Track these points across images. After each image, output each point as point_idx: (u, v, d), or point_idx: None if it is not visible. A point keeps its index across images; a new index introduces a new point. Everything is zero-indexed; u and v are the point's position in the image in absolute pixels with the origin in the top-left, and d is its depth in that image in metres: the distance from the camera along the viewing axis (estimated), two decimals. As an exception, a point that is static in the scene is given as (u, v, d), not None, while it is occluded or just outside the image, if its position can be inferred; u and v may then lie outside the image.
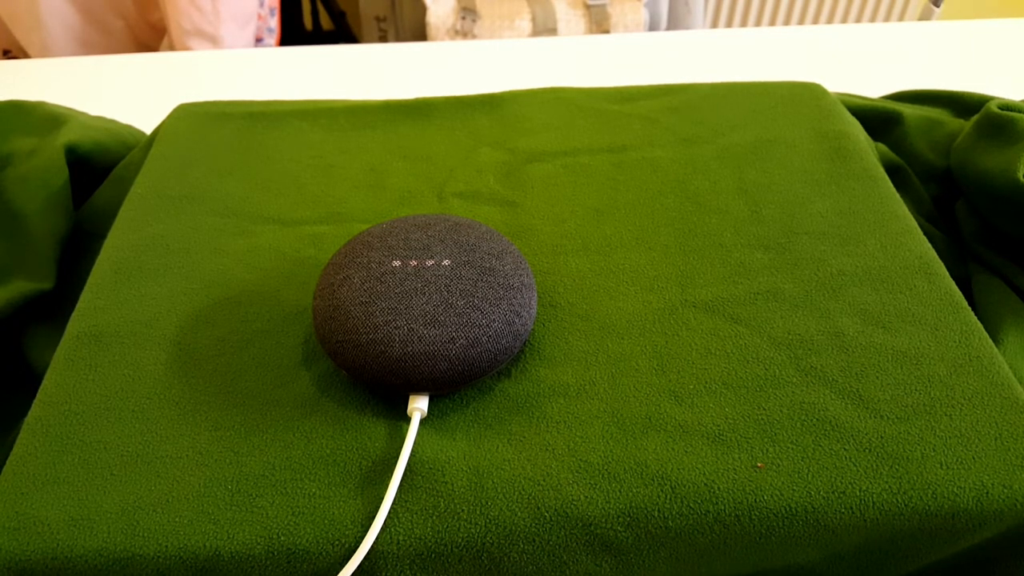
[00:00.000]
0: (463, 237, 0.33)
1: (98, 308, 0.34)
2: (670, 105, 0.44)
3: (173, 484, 0.28)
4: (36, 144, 0.44)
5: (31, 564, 0.26)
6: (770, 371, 0.31)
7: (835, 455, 0.28)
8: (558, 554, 0.26)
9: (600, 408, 0.30)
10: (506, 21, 1.23)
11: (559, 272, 0.35)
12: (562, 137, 0.42)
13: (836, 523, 0.26)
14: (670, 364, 0.31)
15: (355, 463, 0.28)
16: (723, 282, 0.34)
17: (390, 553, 0.26)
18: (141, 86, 0.59)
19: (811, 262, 0.35)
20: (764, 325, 0.32)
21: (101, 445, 0.29)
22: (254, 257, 0.36)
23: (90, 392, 0.31)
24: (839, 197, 0.38)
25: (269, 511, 0.27)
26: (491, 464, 0.28)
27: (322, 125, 0.44)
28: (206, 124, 0.44)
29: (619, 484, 0.27)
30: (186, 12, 0.97)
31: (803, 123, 0.42)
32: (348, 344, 0.29)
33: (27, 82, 0.59)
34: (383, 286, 0.31)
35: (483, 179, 0.40)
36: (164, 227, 0.37)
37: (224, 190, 0.40)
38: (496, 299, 0.30)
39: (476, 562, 0.26)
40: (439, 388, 0.29)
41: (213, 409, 0.30)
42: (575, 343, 0.32)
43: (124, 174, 0.43)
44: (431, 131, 0.43)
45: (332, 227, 0.38)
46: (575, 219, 0.38)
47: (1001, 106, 0.42)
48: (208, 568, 0.26)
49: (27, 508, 0.27)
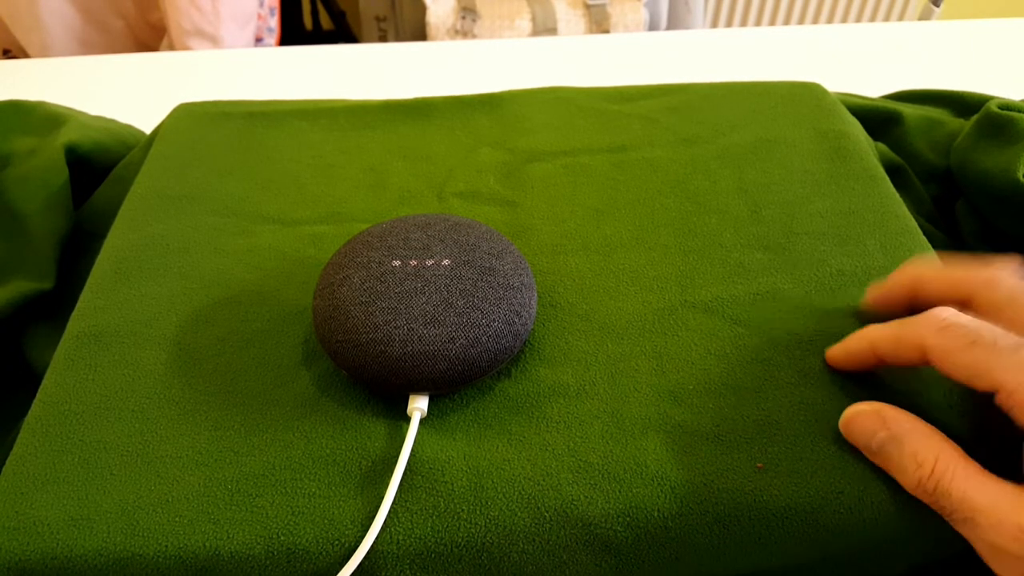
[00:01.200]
0: (463, 237, 0.33)
1: (98, 308, 0.34)
2: (670, 105, 0.44)
3: (173, 484, 0.28)
4: (36, 144, 0.44)
5: (31, 564, 0.26)
6: (769, 372, 0.31)
7: (835, 456, 0.28)
8: (558, 554, 0.26)
9: (600, 408, 0.30)
10: (506, 21, 1.23)
11: (559, 272, 0.35)
12: (562, 137, 0.42)
13: (835, 523, 0.26)
14: (670, 364, 0.31)
15: (355, 463, 0.28)
16: (723, 282, 0.34)
17: (390, 553, 0.26)
18: (141, 86, 0.59)
19: (811, 262, 0.35)
20: (764, 326, 0.32)
21: (101, 445, 0.29)
22: (254, 257, 0.36)
23: (90, 392, 0.31)
24: (839, 197, 0.38)
25: (269, 511, 0.27)
26: (491, 464, 0.28)
27: (322, 125, 0.44)
28: (206, 124, 0.44)
29: (619, 484, 0.27)
30: (186, 12, 0.97)
31: (803, 123, 0.42)
32: (348, 344, 0.29)
33: (27, 82, 0.59)
34: (383, 286, 0.31)
35: (483, 179, 0.40)
36: (164, 227, 0.37)
37: (224, 190, 0.40)
38: (496, 299, 0.30)
39: (476, 562, 0.26)
40: (439, 388, 0.29)
41: (213, 409, 0.30)
42: (575, 343, 0.32)
43: (124, 174, 0.43)
44: (431, 131, 0.43)
45: (332, 227, 0.38)
46: (575, 219, 0.38)
47: (1001, 106, 0.42)
48: (208, 568, 0.26)
49: (27, 508, 0.27)
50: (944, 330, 0.26)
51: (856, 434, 0.28)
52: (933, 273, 0.30)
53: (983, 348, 0.25)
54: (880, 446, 0.27)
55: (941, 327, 0.27)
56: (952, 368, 0.26)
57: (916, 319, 0.28)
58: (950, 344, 0.26)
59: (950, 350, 0.26)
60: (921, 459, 0.26)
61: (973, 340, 0.26)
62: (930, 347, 0.27)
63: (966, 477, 0.25)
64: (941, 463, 0.25)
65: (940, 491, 0.25)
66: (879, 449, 0.27)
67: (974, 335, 0.26)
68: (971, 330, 0.26)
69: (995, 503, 0.24)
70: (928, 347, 0.27)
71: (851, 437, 0.28)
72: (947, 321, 0.27)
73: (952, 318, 0.27)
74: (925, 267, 0.31)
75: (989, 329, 0.26)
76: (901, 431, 0.26)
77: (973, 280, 0.28)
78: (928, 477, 0.25)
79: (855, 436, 0.28)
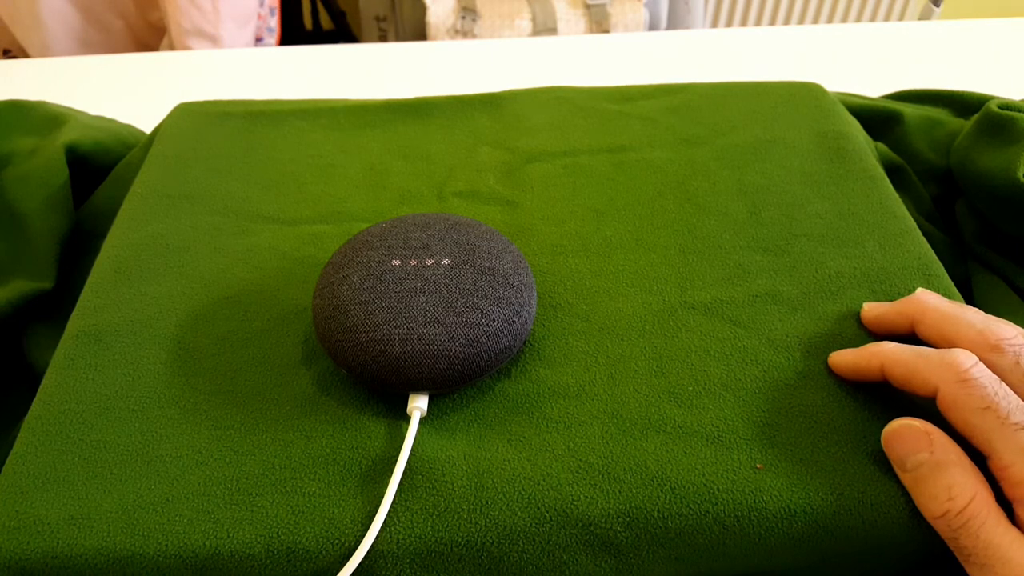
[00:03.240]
0: (463, 236, 0.33)
1: (98, 307, 0.34)
2: (670, 105, 0.44)
3: (173, 483, 0.28)
4: (36, 144, 0.44)
5: (31, 563, 0.26)
6: (769, 373, 0.31)
7: (834, 457, 0.28)
8: (558, 554, 0.26)
9: (600, 408, 0.30)
10: (506, 21, 1.23)
11: (559, 272, 0.35)
12: (562, 137, 0.42)
13: (835, 524, 0.26)
14: (669, 365, 0.31)
15: (355, 462, 0.28)
16: (722, 284, 0.34)
17: (390, 552, 0.26)
18: (141, 86, 0.59)
19: (810, 264, 0.35)
20: (763, 327, 0.32)
21: (101, 444, 0.29)
22: (254, 256, 0.36)
23: (90, 391, 0.31)
24: (838, 198, 0.38)
25: (269, 510, 0.27)
26: (491, 464, 0.28)
27: (322, 125, 0.44)
28: (206, 124, 0.44)
29: (619, 484, 0.27)
30: (186, 11, 0.97)
31: (802, 123, 0.43)
32: (348, 343, 0.29)
33: (27, 82, 0.59)
34: (383, 285, 0.31)
35: (483, 179, 0.40)
36: (164, 226, 0.37)
37: (224, 189, 0.40)
38: (496, 298, 0.30)
39: (476, 561, 0.26)
40: (439, 387, 0.29)
41: (213, 408, 0.30)
42: (575, 343, 0.32)
43: (124, 174, 0.43)
44: (431, 131, 0.43)
45: (332, 226, 0.38)
46: (575, 219, 0.38)
47: (1001, 106, 0.42)
48: (208, 567, 0.26)
49: (27, 507, 0.27)
50: (963, 383, 0.26)
51: (896, 446, 0.27)
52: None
53: (994, 418, 0.25)
54: (917, 466, 0.26)
55: (961, 379, 0.26)
56: (955, 421, 0.26)
57: (937, 358, 0.27)
58: (964, 401, 0.26)
59: (962, 407, 0.26)
60: (955, 493, 0.25)
61: (987, 406, 0.25)
62: (942, 394, 0.26)
63: (995, 524, 0.24)
64: (976, 504, 0.25)
65: (966, 531, 0.24)
66: (914, 469, 0.26)
67: (990, 400, 0.25)
68: (988, 395, 0.25)
69: (1019, 558, 0.24)
70: (940, 393, 0.26)
71: (890, 448, 0.27)
72: (968, 375, 0.26)
73: (974, 372, 0.26)
74: (932, 304, 0.30)
75: (1005, 396, 0.25)
76: (946, 459, 0.25)
77: (977, 340, 0.27)
78: (958, 514, 0.25)
79: (895, 448, 0.27)
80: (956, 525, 0.25)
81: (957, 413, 0.26)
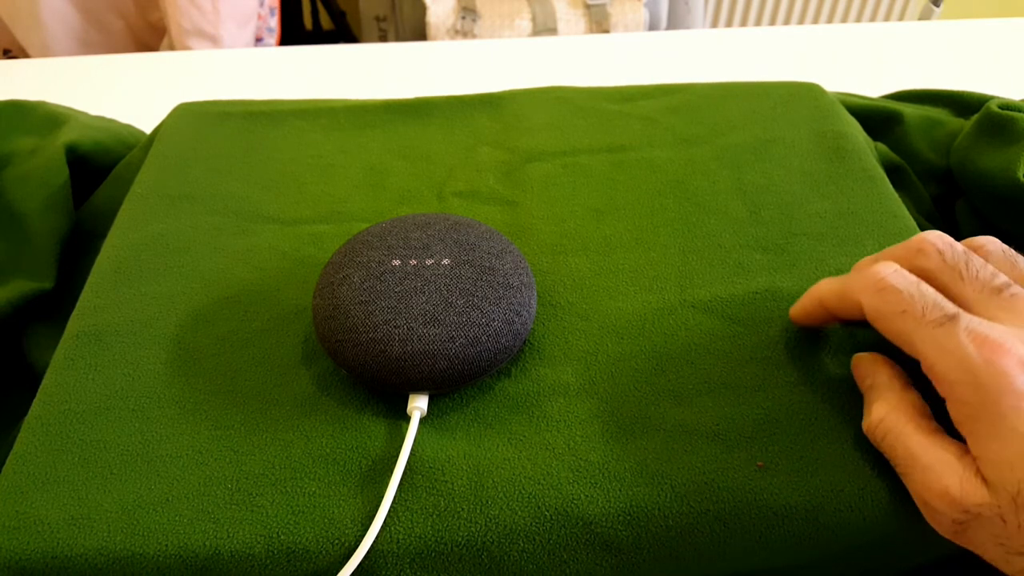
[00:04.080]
0: (463, 236, 0.33)
1: (98, 307, 0.34)
2: (670, 105, 0.44)
3: (173, 483, 0.28)
4: (36, 144, 0.44)
5: (31, 563, 0.26)
6: (769, 371, 0.31)
7: (835, 454, 0.28)
8: (558, 553, 0.26)
9: (600, 407, 0.30)
10: (506, 21, 1.23)
11: (559, 272, 0.35)
12: (562, 137, 0.42)
13: (836, 522, 0.26)
14: (669, 364, 0.31)
15: (355, 462, 0.28)
16: (722, 283, 0.34)
17: (390, 552, 0.26)
18: (141, 86, 0.59)
19: (809, 263, 0.35)
20: (762, 325, 0.32)
21: (101, 444, 0.29)
22: (254, 256, 0.36)
23: (90, 391, 0.31)
24: (838, 198, 0.38)
25: (269, 510, 0.27)
26: (491, 463, 0.28)
27: (322, 125, 0.44)
28: (206, 124, 0.44)
29: (619, 483, 0.27)
30: (186, 11, 0.98)
31: (802, 123, 0.43)
32: (348, 343, 0.29)
33: (27, 82, 0.59)
34: (383, 285, 0.31)
35: (483, 179, 0.40)
36: (164, 226, 0.37)
37: (224, 189, 0.40)
38: (496, 298, 0.30)
39: (476, 561, 0.26)
40: (439, 387, 0.29)
41: (213, 408, 0.30)
42: (575, 343, 0.32)
43: (124, 174, 0.43)
44: (431, 131, 0.43)
45: (332, 226, 0.38)
46: (575, 219, 0.38)
47: (1001, 106, 0.42)
48: (208, 567, 0.26)
49: (27, 507, 0.27)
50: (879, 292, 0.27)
51: (855, 378, 0.29)
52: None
53: (912, 319, 0.26)
54: (864, 392, 0.29)
55: (878, 288, 0.27)
56: (884, 331, 0.27)
57: (859, 275, 0.28)
58: (883, 308, 0.26)
59: (883, 314, 0.27)
60: (874, 409, 0.27)
61: (904, 309, 0.26)
62: (865, 307, 0.27)
63: (912, 433, 0.26)
64: (891, 417, 0.26)
65: (887, 444, 0.26)
66: (864, 394, 0.29)
67: (906, 303, 0.26)
68: (904, 297, 0.26)
69: (933, 463, 0.25)
70: (864, 306, 0.27)
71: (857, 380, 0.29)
72: (884, 282, 0.27)
73: (890, 279, 0.27)
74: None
75: (921, 296, 0.26)
76: (877, 382, 0.28)
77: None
78: (875, 428, 0.27)
79: (857, 380, 0.29)
80: (878, 439, 0.27)
81: (882, 323, 0.27)
